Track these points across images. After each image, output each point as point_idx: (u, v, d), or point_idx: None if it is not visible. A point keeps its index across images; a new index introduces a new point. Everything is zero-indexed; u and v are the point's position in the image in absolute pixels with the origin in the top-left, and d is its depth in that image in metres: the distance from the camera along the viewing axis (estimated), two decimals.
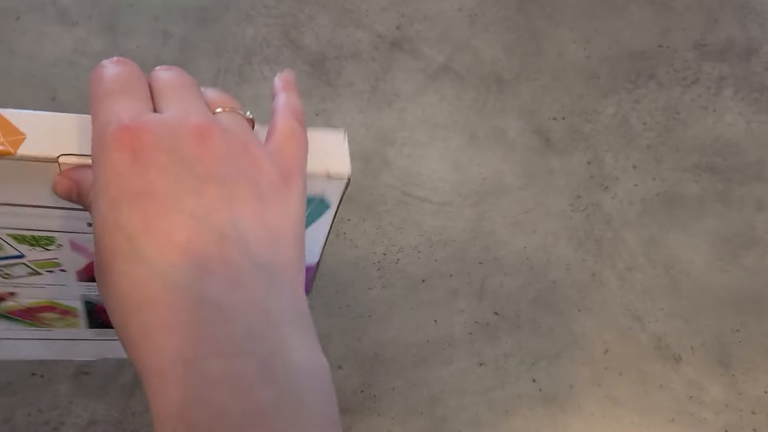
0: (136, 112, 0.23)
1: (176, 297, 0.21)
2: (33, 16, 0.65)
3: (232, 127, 0.24)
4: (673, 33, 0.67)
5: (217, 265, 0.22)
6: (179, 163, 0.22)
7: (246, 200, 0.23)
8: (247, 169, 0.24)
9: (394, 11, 0.67)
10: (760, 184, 0.59)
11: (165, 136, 0.23)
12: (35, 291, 0.33)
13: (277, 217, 0.24)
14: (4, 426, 0.49)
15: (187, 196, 0.22)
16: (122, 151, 0.22)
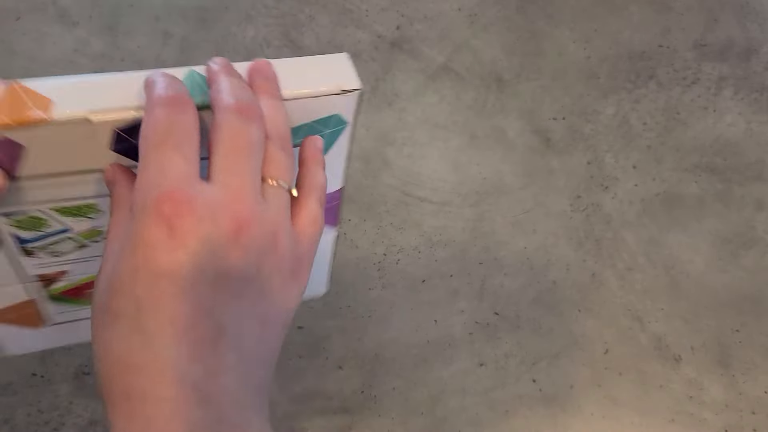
0: (183, 178, 0.23)
1: (161, 372, 0.23)
2: (33, 16, 0.65)
3: (270, 213, 0.25)
4: (673, 33, 0.67)
5: (206, 355, 0.23)
6: (208, 252, 0.23)
7: (254, 298, 0.25)
8: (266, 268, 0.25)
9: (394, 11, 0.67)
10: (760, 184, 0.59)
11: (204, 221, 0.23)
12: (85, 266, 0.34)
13: (275, 310, 0.26)
14: (4, 426, 0.49)
15: (203, 287, 0.23)
16: (160, 222, 0.23)
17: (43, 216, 0.30)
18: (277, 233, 0.25)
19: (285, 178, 0.26)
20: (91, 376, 0.51)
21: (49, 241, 0.31)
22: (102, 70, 0.63)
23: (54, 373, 0.51)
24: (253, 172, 0.25)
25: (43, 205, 0.29)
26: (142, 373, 0.23)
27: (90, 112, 0.26)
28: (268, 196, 0.25)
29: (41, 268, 0.33)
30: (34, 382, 0.51)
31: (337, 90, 0.29)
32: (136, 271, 0.23)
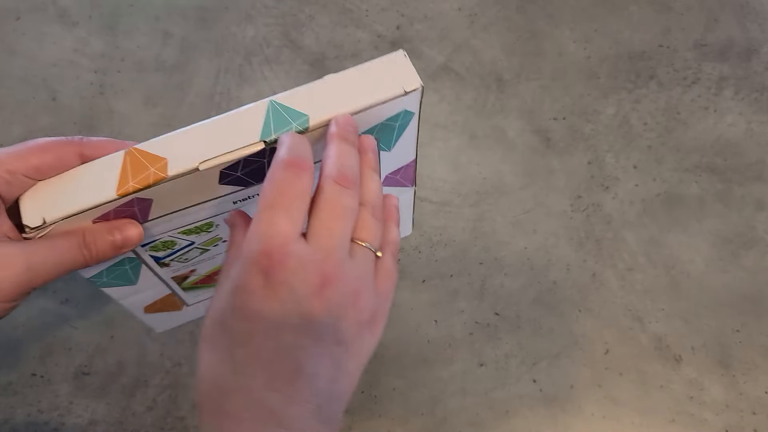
0: (284, 238, 0.27)
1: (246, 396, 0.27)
2: (33, 16, 0.65)
3: (355, 272, 0.29)
4: (674, 33, 0.67)
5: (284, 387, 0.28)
6: (295, 301, 0.27)
7: (331, 344, 0.28)
8: (346, 320, 0.28)
9: (394, 11, 0.67)
10: (760, 184, 0.59)
11: (296, 274, 0.27)
12: (208, 263, 0.41)
13: (350, 357, 0.29)
14: (4, 426, 0.49)
15: (287, 331, 0.27)
16: (258, 273, 0.27)
17: (171, 239, 0.36)
18: (360, 291, 0.29)
19: (373, 242, 0.30)
20: (91, 376, 0.51)
21: (178, 254, 0.38)
22: (102, 70, 0.63)
23: (54, 373, 0.51)
24: (343, 235, 0.29)
25: (171, 231, 0.36)
26: (230, 396, 0.27)
27: (198, 163, 0.31)
28: (356, 256, 0.29)
29: (175, 272, 0.40)
30: (34, 382, 0.51)
31: (402, 92, 0.33)
32: (234, 310, 0.28)
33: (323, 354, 0.28)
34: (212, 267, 0.42)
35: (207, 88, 0.62)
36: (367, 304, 0.29)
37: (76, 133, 0.60)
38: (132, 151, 0.31)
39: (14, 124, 0.60)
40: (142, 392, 0.51)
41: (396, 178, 0.41)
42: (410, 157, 0.41)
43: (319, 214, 0.29)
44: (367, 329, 0.30)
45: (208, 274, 0.43)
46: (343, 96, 0.32)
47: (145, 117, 0.61)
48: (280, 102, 0.32)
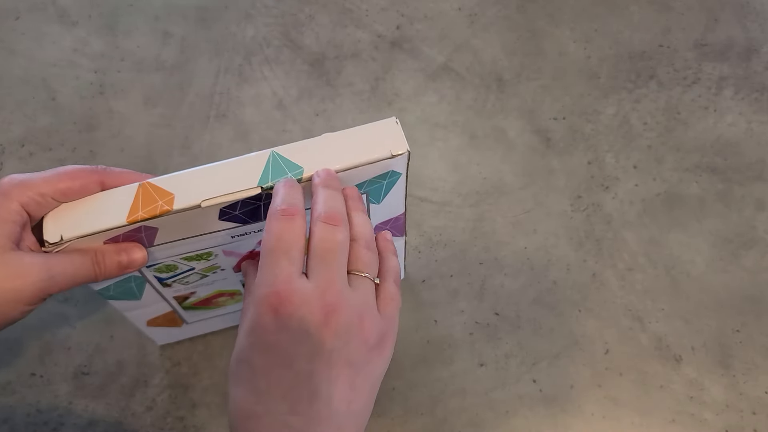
0: (287, 278, 0.31)
1: (272, 420, 0.31)
2: (33, 16, 0.65)
3: (357, 299, 0.32)
4: (674, 33, 0.66)
5: (305, 409, 0.31)
6: (304, 334, 0.31)
7: (343, 367, 0.31)
8: (354, 343, 0.32)
9: (394, 11, 0.67)
10: (760, 184, 0.59)
11: (302, 308, 0.31)
12: (207, 287, 0.45)
13: (361, 378, 0.32)
14: (3, 426, 0.49)
15: (301, 359, 0.31)
16: (268, 310, 0.31)
17: (173, 263, 0.41)
18: (363, 315, 0.32)
19: (369, 271, 0.34)
20: (91, 375, 0.51)
21: (179, 277, 0.43)
22: (102, 70, 0.63)
23: (53, 374, 0.51)
24: (339, 268, 0.32)
25: (173, 257, 0.40)
26: (259, 421, 0.31)
27: (201, 201, 0.35)
28: (355, 285, 0.33)
29: (176, 292, 0.45)
30: (34, 382, 0.51)
31: (389, 155, 0.37)
32: (252, 346, 0.31)
33: (337, 377, 0.31)
34: (211, 291, 0.46)
35: (207, 88, 0.62)
36: (372, 327, 0.32)
37: (76, 133, 0.60)
38: (145, 184, 0.36)
39: (14, 124, 0.60)
40: (141, 392, 0.51)
41: (386, 229, 0.45)
42: (399, 210, 0.44)
43: (315, 253, 0.32)
44: (376, 352, 0.33)
45: (207, 297, 0.47)
46: (336, 153, 0.37)
47: (145, 117, 0.61)
48: (281, 153, 0.36)
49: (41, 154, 0.59)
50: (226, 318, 0.51)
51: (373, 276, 0.34)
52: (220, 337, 0.53)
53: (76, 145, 0.59)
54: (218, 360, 0.52)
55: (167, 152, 0.59)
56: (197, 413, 0.50)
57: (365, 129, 0.38)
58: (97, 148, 0.59)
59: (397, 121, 0.38)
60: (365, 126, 0.38)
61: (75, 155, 0.59)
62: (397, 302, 0.35)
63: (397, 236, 0.47)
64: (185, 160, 0.59)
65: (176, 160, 0.59)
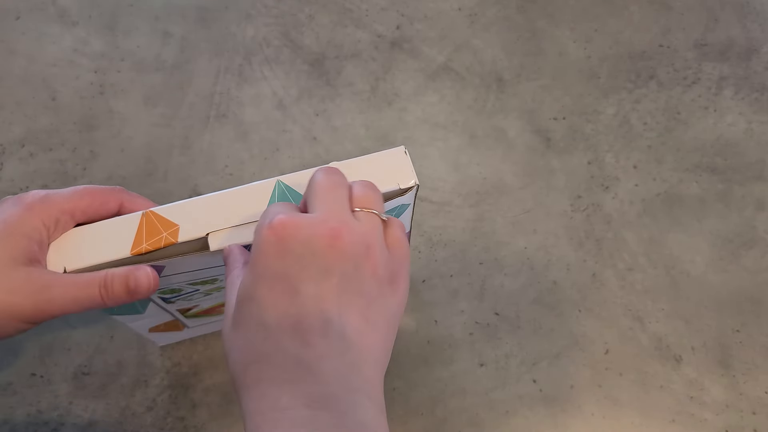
0: (287, 210, 0.30)
1: (282, 358, 0.28)
2: (33, 16, 0.65)
3: (362, 228, 0.30)
4: (674, 33, 0.66)
5: (318, 341, 0.28)
6: (310, 255, 0.29)
7: (354, 295, 0.29)
8: (363, 271, 0.30)
9: (394, 11, 0.67)
10: (760, 184, 0.59)
11: (305, 231, 0.29)
12: (210, 301, 0.45)
13: (375, 312, 0.30)
14: (3, 426, 0.49)
15: (309, 282, 0.29)
16: (270, 235, 0.29)
17: (178, 287, 0.40)
18: (370, 245, 0.30)
19: (374, 207, 0.32)
20: (91, 376, 0.51)
21: (183, 296, 0.42)
22: (102, 70, 0.63)
23: (53, 374, 0.51)
24: (341, 201, 0.31)
25: (179, 283, 0.39)
26: (269, 361, 0.28)
27: (206, 233, 0.35)
28: (360, 218, 0.31)
29: (180, 306, 0.44)
30: (34, 382, 0.51)
31: (397, 189, 0.36)
32: (256, 279, 0.29)
33: (348, 304, 0.29)
34: (214, 303, 0.46)
35: (207, 88, 0.62)
36: (380, 259, 0.30)
37: (76, 133, 0.60)
38: (149, 213, 0.35)
39: (14, 124, 0.60)
40: (142, 392, 0.51)
41: None
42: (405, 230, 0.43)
43: (312, 193, 0.31)
44: (388, 288, 0.31)
45: (210, 307, 0.47)
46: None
47: (145, 117, 0.61)
48: (286, 183, 0.36)
49: (41, 154, 0.59)
50: None
51: (378, 212, 0.32)
52: (220, 338, 0.53)
53: (76, 145, 0.59)
54: (219, 360, 0.52)
55: (167, 152, 0.59)
56: (197, 413, 0.50)
57: (373, 159, 0.37)
58: (97, 148, 0.59)
59: (405, 151, 0.37)
60: (373, 156, 0.37)
61: (75, 155, 0.59)
62: (406, 246, 0.33)
63: None
64: (185, 160, 0.59)
65: (176, 160, 0.59)
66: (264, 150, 0.60)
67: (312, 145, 0.60)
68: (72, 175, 0.58)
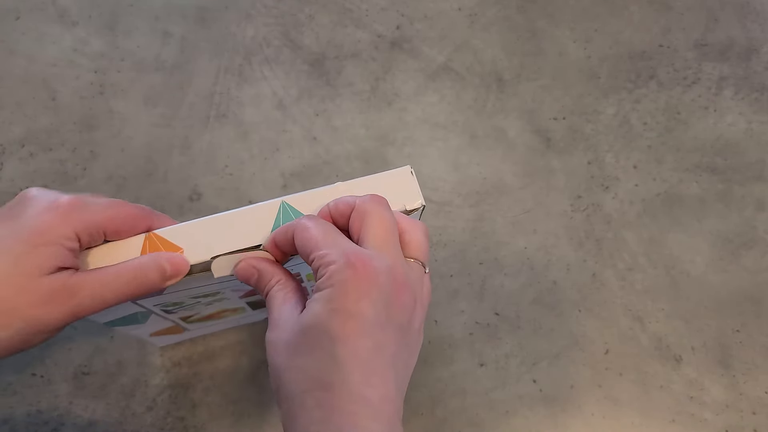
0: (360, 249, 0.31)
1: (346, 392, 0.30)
2: (33, 16, 0.65)
3: (414, 282, 0.32)
4: (674, 33, 0.66)
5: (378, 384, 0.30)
6: (382, 303, 0.30)
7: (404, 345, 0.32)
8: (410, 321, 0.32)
9: (394, 11, 0.67)
10: (760, 184, 0.59)
11: (382, 278, 0.30)
12: (211, 309, 0.46)
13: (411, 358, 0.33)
14: (3, 426, 0.49)
15: (378, 331, 0.30)
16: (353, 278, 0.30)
17: (180, 300, 0.40)
18: (416, 300, 0.32)
19: (423, 259, 0.34)
20: (91, 376, 0.51)
21: (185, 308, 0.43)
22: (102, 70, 0.63)
23: (53, 374, 0.51)
24: (398, 248, 0.32)
25: (181, 297, 0.40)
26: (334, 392, 0.29)
27: (211, 257, 0.34)
28: (413, 268, 0.33)
29: (181, 315, 0.45)
30: (34, 382, 0.51)
31: (403, 209, 0.36)
32: (332, 312, 0.30)
33: (401, 353, 0.31)
34: (215, 310, 0.46)
35: (207, 88, 0.62)
36: (421, 314, 0.33)
37: (76, 133, 0.60)
38: (152, 236, 0.35)
39: (14, 124, 0.60)
40: (141, 392, 0.51)
41: None
42: None
43: (372, 229, 0.32)
44: (419, 339, 0.34)
45: (210, 314, 0.47)
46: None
47: (145, 117, 0.61)
48: (291, 204, 0.36)
49: (41, 154, 0.59)
50: (227, 322, 0.51)
51: (423, 262, 0.34)
52: (220, 338, 0.53)
53: (76, 145, 0.59)
54: (218, 360, 0.52)
55: (167, 152, 0.59)
56: (197, 413, 0.50)
57: (378, 179, 0.37)
58: (97, 148, 0.59)
59: (412, 171, 0.37)
60: (379, 176, 0.37)
61: (75, 155, 0.59)
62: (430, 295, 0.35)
63: None
64: (185, 160, 0.59)
65: (176, 160, 0.59)
66: (264, 150, 0.60)
67: (312, 145, 0.60)
68: (72, 175, 0.58)
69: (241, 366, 0.52)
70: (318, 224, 0.32)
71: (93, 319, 0.37)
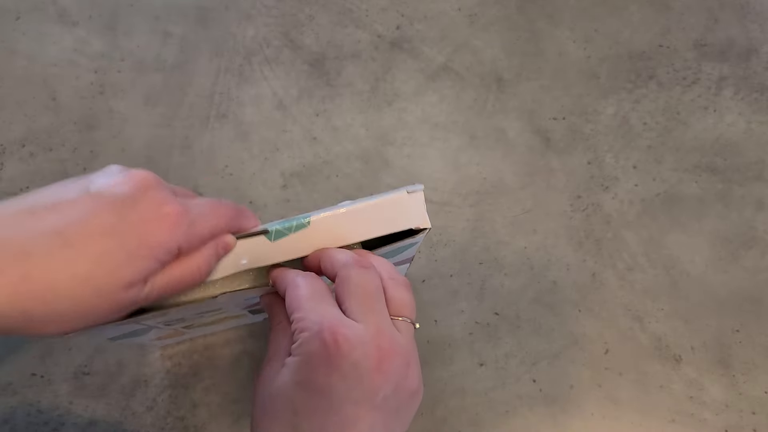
0: (338, 318, 0.30)
1: None
2: (33, 16, 0.65)
3: (403, 342, 0.31)
4: (673, 33, 0.67)
5: None
6: (357, 378, 0.29)
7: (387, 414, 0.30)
8: (401, 389, 0.30)
9: (394, 11, 0.67)
10: (760, 184, 0.59)
11: (357, 352, 0.29)
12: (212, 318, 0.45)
13: (399, 423, 0.31)
14: (4, 426, 0.49)
15: (348, 404, 0.29)
16: (321, 350, 0.29)
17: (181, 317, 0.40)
18: (409, 362, 0.31)
19: (409, 314, 0.33)
20: (91, 376, 0.51)
21: (186, 321, 0.42)
22: (102, 70, 0.63)
23: (54, 373, 0.51)
24: (384, 311, 0.31)
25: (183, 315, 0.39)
26: None
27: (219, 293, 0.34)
28: (401, 329, 0.32)
29: (182, 325, 0.44)
30: (34, 382, 0.51)
31: (409, 232, 0.35)
32: (298, 384, 0.29)
33: (381, 424, 0.30)
34: (212, 318, 0.46)
35: (207, 88, 0.62)
36: (415, 373, 0.31)
37: (76, 133, 0.60)
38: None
39: (14, 124, 0.60)
40: (142, 392, 0.51)
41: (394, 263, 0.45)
42: (410, 255, 0.44)
43: (354, 297, 0.31)
44: (416, 398, 0.32)
45: (211, 321, 0.47)
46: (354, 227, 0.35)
47: (145, 117, 0.61)
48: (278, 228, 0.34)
49: (41, 154, 0.59)
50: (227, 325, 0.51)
51: (413, 320, 0.33)
52: (220, 338, 0.53)
53: (77, 145, 0.59)
54: (218, 360, 0.52)
55: (167, 152, 0.59)
56: (197, 413, 0.50)
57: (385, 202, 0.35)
58: (98, 148, 0.59)
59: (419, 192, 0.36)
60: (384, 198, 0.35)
61: (75, 155, 0.59)
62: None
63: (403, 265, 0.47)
64: (185, 160, 0.59)
65: (176, 160, 0.59)
66: (264, 150, 0.60)
67: (312, 145, 0.60)
68: (72, 175, 0.58)
69: (242, 366, 0.52)
70: (308, 284, 0.31)
71: (94, 334, 0.37)
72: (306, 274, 0.32)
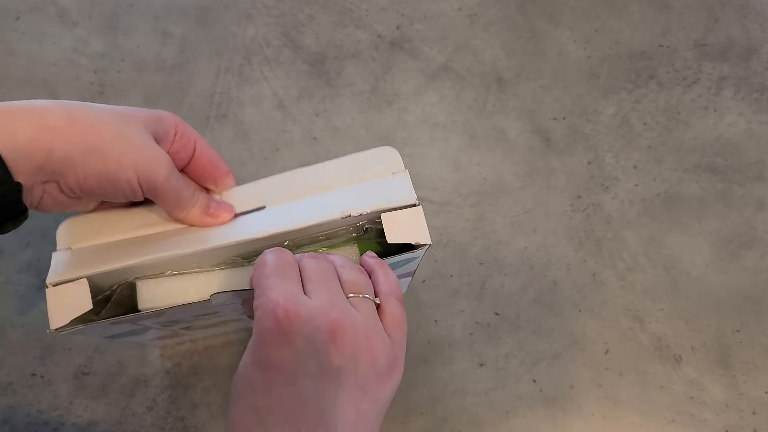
0: (293, 294, 0.30)
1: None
2: (33, 16, 0.65)
3: (361, 317, 0.31)
4: (674, 33, 0.66)
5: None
6: (311, 351, 0.29)
7: (350, 390, 0.30)
8: (363, 364, 0.30)
9: (394, 11, 0.67)
10: (760, 184, 0.59)
11: (308, 326, 0.29)
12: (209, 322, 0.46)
13: (368, 402, 0.30)
14: (4, 426, 0.49)
15: (305, 378, 0.29)
16: (273, 325, 0.29)
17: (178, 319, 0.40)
18: (370, 337, 0.30)
19: (366, 291, 0.32)
20: (91, 376, 0.51)
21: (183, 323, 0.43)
22: (102, 70, 0.63)
23: (54, 373, 0.51)
24: (336, 290, 0.31)
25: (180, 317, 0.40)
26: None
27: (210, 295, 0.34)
28: (358, 306, 0.31)
29: (180, 326, 0.45)
30: (34, 382, 0.51)
31: (409, 247, 0.35)
32: (254, 363, 0.29)
33: (344, 400, 0.29)
34: (210, 321, 0.46)
35: (207, 88, 0.62)
36: (380, 350, 0.31)
37: None
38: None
39: None
40: (142, 392, 0.51)
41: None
42: (411, 269, 0.44)
43: (309, 278, 0.32)
44: (386, 376, 0.31)
45: (209, 324, 0.47)
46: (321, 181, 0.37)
47: None
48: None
49: None
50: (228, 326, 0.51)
51: (371, 296, 0.33)
52: (220, 338, 0.53)
53: None
54: (219, 360, 0.52)
55: None
56: (197, 413, 0.50)
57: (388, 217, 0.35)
58: None
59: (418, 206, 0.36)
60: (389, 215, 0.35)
61: None
62: (404, 326, 0.33)
63: (404, 280, 0.47)
64: None
65: None
66: (264, 150, 0.60)
67: (312, 145, 0.60)
68: None
69: None
70: (274, 258, 0.32)
71: (92, 334, 0.38)
72: (276, 249, 0.33)
